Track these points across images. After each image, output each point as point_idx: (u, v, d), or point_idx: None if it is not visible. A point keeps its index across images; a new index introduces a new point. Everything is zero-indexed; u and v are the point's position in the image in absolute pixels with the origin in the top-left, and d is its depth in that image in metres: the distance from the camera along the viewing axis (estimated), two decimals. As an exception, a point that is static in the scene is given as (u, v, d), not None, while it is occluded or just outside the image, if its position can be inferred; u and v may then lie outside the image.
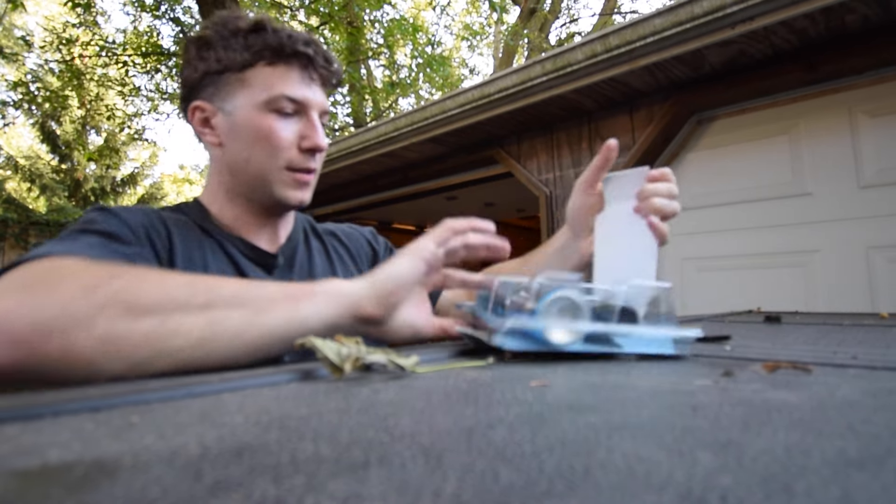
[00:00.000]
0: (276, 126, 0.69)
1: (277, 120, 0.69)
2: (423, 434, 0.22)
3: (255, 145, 0.69)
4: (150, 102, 8.03)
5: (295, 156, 0.70)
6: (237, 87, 0.69)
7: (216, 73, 0.69)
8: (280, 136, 0.69)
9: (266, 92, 0.68)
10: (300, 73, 0.70)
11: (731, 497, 0.14)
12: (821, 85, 2.20)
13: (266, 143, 0.69)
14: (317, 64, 0.71)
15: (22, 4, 5.83)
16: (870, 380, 0.34)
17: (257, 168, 0.70)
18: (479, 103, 2.75)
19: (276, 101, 0.68)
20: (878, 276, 2.11)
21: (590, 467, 0.17)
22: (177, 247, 0.65)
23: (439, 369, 0.40)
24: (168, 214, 0.69)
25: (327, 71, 0.73)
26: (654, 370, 0.39)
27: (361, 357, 0.38)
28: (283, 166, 0.70)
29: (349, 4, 6.50)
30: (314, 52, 0.70)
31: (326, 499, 0.15)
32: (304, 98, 0.70)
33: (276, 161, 0.70)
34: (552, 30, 10.19)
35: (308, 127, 0.71)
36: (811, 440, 0.20)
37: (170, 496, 0.15)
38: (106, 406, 0.28)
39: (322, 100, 0.73)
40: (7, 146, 10.40)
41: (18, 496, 0.15)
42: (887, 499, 0.14)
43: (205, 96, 0.71)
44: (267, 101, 0.68)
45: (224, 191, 0.74)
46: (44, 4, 10.93)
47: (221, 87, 0.70)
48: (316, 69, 0.71)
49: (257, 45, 0.68)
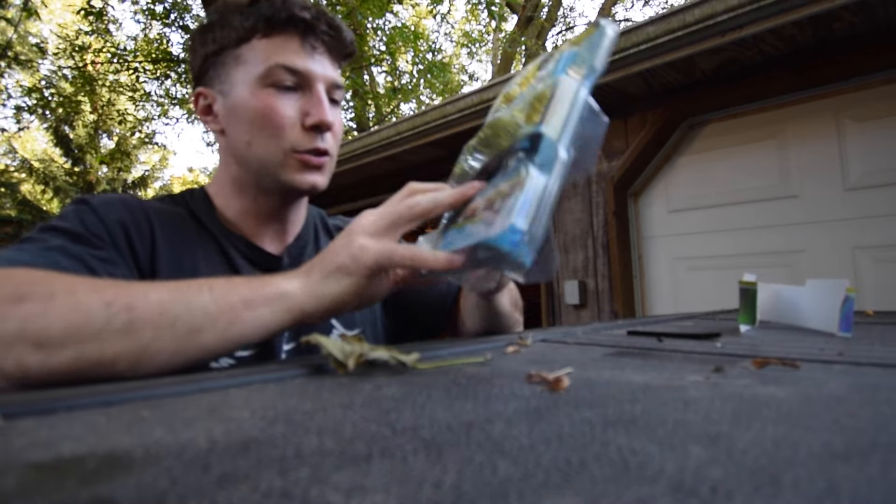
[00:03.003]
0: (275, 102, 0.60)
1: (276, 96, 0.60)
2: (423, 428, 0.22)
3: (255, 126, 0.60)
4: (160, 107, 8.03)
5: (299, 136, 0.61)
6: (233, 66, 0.61)
7: (214, 55, 0.62)
8: (279, 112, 0.60)
9: (262, 65, 0.60)
10: (300, 42, 0.61)
11: (721, 489, 0.14)
12: (808, 91, 2.20)
13: (266, 122, 0.60)
14: (318, 30, 0.61)
15: (36, 13, 5.83)
16: (855, 375, 0.34)
17: (260, 153, 0.61)
18: (478, 108, 2.75)
19: (272, 74, 0.60)
20: (863, 276, 2.11)
21: (585, 460, 0.17)
22: (160, 247, 0.58)
23: (440, 365, 0.40)
24: (158, 206, 0.61)
25: (333, 38, 0.63)
26: (648, 367, 0.39)
27: (365, 354, 0.38)
28: (288, 148, 0.61)
29: (353, 13, 6.50)
30: (314, 17, 0.61)
31: (331, 490, 0.15)
32: (304, 68, 0.61)
33: (279, 143, 0.60)
34: (549, 37, 10.19)
35: (311, 102, 0.61)
36: (799, 434, 0.20)
37: (179, 488, 0.15)
38: (118, 401, 0.28)
39: (328, 72, 0.63)
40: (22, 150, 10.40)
41: (33, 488, 0.15)
42: (871, 490, 0.14)
43: (206, 81, 0.64)
44: (263, 75, 0.60)
45: (231, 181, 0.66)
46: (57, 13, 10.93)
47: (220, 69, 0.62)
48: (318, 36, 0.62)
49: (252, 17, 0.60)
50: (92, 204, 0.55)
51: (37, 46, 8.49)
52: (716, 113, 2.43)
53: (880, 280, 2.07)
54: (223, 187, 0.67)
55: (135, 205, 0.59)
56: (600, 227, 2.62)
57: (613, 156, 2.59)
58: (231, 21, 0.61)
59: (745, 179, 2.37)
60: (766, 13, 1.82)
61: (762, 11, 1.82)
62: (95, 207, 0.55)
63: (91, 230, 0.53)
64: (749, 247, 2.33)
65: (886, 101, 2.08)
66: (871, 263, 2.10)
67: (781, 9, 1.79)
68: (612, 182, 2.58)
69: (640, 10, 15.35)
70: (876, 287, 2.07)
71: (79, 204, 0.55)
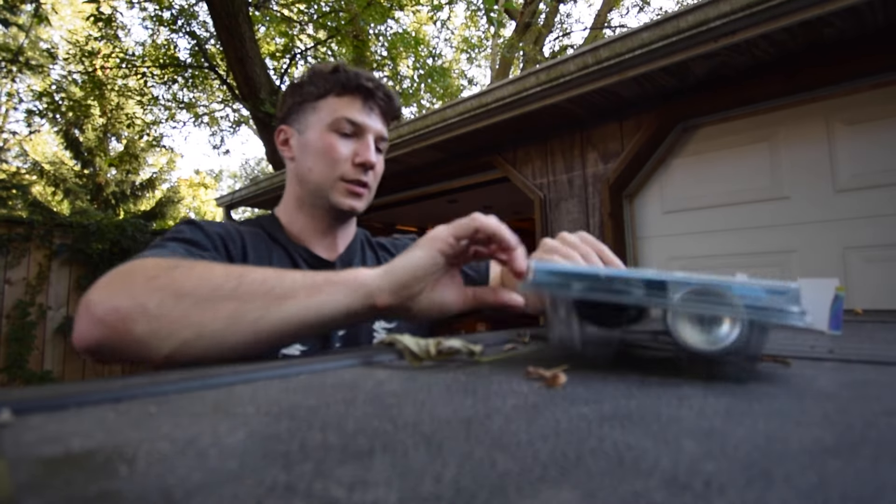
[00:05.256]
0: (336, 143, 0.78)
1: (338, 139, 0.78)
2: (424, 423, 0.22)
3: (318, 158, 0.79)
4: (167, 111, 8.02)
5: (349, 169, 0.79)
6: (311, 114, 0.80)
7: (298, 105, 0.82)
8: (338, 150, 0.78)
9: (331, 115, 0.79)
10: (362, 103, 0.80)
11: (714, 482, 0.14)
12: (799, 95, 2.20)
13: (327, 156, 0.78)
14: (376, 97, 0.80)
15: (47, 19, 5.82)
16: (845, 372, 0.34)
17: (318, 177, 0.79)
18: (477, 112, 2.75)
19: (338, 123, 0.78)
20: (853, 275, 2.11)
21: (581, 455, 0.17)
22: (249, 254, 0.74)
23: (495, 359, 0.41)
24: (244, 228, 0.78)
25: (386, 104, 0.82)
26: (643, 364, 0.39)
27: (441, 343, 0.39)
28: (338, 177, 0.78)
29: (355, 19, 6.49)
30: (374, 87, 0.80)
31: (334, 484, 0.15)
32: (361, 122, 0.79)
33: (333, 172, 0.78)
34: (546, 43, 10.19)
35: (362, 146, 0.79)
36: (790, 429, 0.20)
37: (186, 483, 0.15)
38: (126, 397, 0.28)
39: (378, 127, 0.82)
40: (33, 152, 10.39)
41: (43, 482, 0.15)
42: (861, 484, 0.14)
43: (288, 122, 0.83)
44: (331, 123, 0.78)
45: (294, 200, 0.83)
46: (67, 19, 10.93)
47: (300, 114, 0.81)
48: (375, 101, 0.81)
49: (329, 83, 0.79)
50: (197, 222, 0.72)
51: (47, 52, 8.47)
52: (709, 116, 2.43)
53: (869, 279, 2.07)
54: (288, 207, 0.84)
55: (228, 225, 0.76)
56: (596, 228, 2.62)
57: (609, 158, 2.59)
58: (316, 82, 0.80)
59: (737, 181, 2.37)
60: (759, 19, 1.82)
61: (755, 17, 1.82)
62: (200, 224, 0.71)
63: (198, 238, 0.67)
64: (741, 247, 2.33)
65: (875, 104, 2.08)
66: (861, 263, 2.10)
67: (773, 15, 1.79)
68: (608, 184, 2.58)
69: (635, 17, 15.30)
70: (865, 286, 2.07)
71: (187, 223, 0.71)
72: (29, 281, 4.74)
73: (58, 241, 4.96)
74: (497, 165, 3.20)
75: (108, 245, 5.16)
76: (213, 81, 7.60)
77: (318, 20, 6.96)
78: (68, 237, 5.03)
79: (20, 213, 6.89)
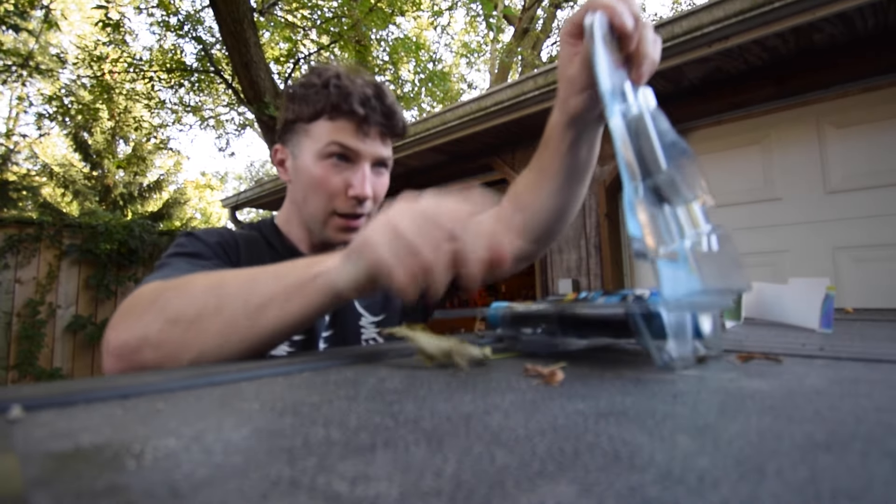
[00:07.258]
0: (329, 175, 0.72)
1: (331, 167, 0.72)
2: (425, 419, 0.22)
3: (310, 189, 0.73)
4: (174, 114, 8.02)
5: (342, 202, 0.73)
6: (303, 137, 0.74)
7: (291, 123, 0.75)
8: (330, 182, 0.72)
9: (323, 140, 0.72)
10: (356, 127, 0.72)
11: (707, 477, 0.14)
12: (791, 98, 2.20)
13: (318, 188, 0.72)
14: (371, 120, 0.72)
15: (56, 24, 5.81)
16: (836, 369, 0.34)
17: (311, 209, 0.74)
18: (476, 115, 2.75)
19: (329, 148, 0.71)
20: (843, 274, 2.11)
21: (578, 450, 0.17)
22: (243, 259, 0.73)
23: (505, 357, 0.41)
24: (240, 233, 0.77)
25: (384, 124, 0.73)
26: (638, 361, 0.39)
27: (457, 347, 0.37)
28: (332, 211, 0.73)
29: (357, 24, 6.49)
30: (369, 111, 0.71)
31: (337, 479, 0.15)
32: (356, 148, 0.72)
33: (326, 206, 0.73)
34: (544, 48, 10.19)
35: (357, 176, 0.72)
36: (782, 425, 0.20)
37: (192, 477, 0.15)
38: (134, 394, 0.28)
39: (376, 150, 0.74)
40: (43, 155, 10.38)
41: (53, 477, 0.15)
42: (851, 479, 0.14)
43: (284, 141, 0.78)
44: (322, 149, 0.71)
45: (293, 213, 0.80)
46: (77, 24, 10.92)
47: (293, 136, 0.76)
48: (370, 124, 0.72)
49: (321, 102, 0.71)
50: (195, 234, 0.72)
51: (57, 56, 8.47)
52: (702, 120, 2.43)
53: (859, 278, 2.07)
54: (288, 218, 0.81)
55: (224, 232, 0.75)
56: (592, 229, 2.62)
57: (605, 160, 2.59)
58: (307, 98, 0.72)
59: (730, 183, 2.37)
60: (751, 25, 1.82)
61: (747, 23, 1.82)
62: (198, 236, 0.71)
63: (199, 250, 0.68)
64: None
65: (865, 108, 2.08)
66: (851, 263, 2.10)
67: (765, 21, 1.79)
68: (604, 185, 2.58)
69: (630, 22, 15.28)
70: (855, 285, 2.07)
71: (186, 235, 0.71)
72: (39, 280, 4.74)
73: (67, 241, 4.96)
74: (496, 167, 3.20)
75: (116, 245, 5.16)
76: (218, 85, 7.59)
77: (322, 25, 6.96)
78: (77, 237, 5.03)
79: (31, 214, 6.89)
